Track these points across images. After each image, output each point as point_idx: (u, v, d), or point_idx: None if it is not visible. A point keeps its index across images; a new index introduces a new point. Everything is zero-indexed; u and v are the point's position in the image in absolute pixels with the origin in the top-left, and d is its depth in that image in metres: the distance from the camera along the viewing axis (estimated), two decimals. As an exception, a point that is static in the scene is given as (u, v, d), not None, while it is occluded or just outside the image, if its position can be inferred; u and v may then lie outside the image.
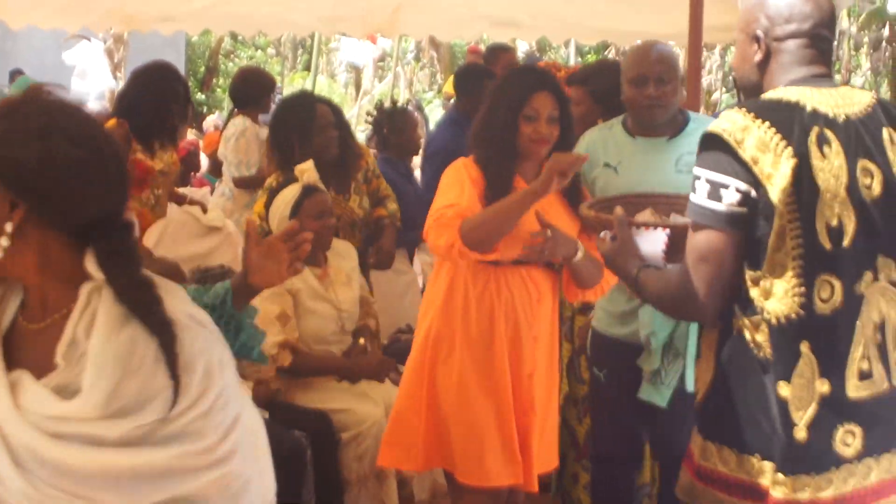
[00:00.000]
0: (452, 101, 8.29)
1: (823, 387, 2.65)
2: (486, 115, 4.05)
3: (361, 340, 5.11)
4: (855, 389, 2.68)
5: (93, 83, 14.42)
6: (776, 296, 2.64)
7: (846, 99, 2.74)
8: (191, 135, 12.52)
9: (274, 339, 4.72)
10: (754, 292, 2.67)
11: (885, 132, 2.74)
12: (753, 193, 2.60)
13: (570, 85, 5.26)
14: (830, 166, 2.61)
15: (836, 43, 5.58)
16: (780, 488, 2.68)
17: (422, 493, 5.09)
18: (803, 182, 2.58)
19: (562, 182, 3.67)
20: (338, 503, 4.73)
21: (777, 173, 2.58)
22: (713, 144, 2.67)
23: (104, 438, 1.85)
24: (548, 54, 27.30)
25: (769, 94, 2.78)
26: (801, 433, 2.66)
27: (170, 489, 1.89)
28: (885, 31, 23.16)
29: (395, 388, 4.54)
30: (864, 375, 2.69)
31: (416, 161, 8.03)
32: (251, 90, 7.60)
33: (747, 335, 2.71)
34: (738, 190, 2.60)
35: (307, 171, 5.03)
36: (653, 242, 3.05)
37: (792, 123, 2.63)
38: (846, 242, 2.63)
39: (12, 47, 19.02)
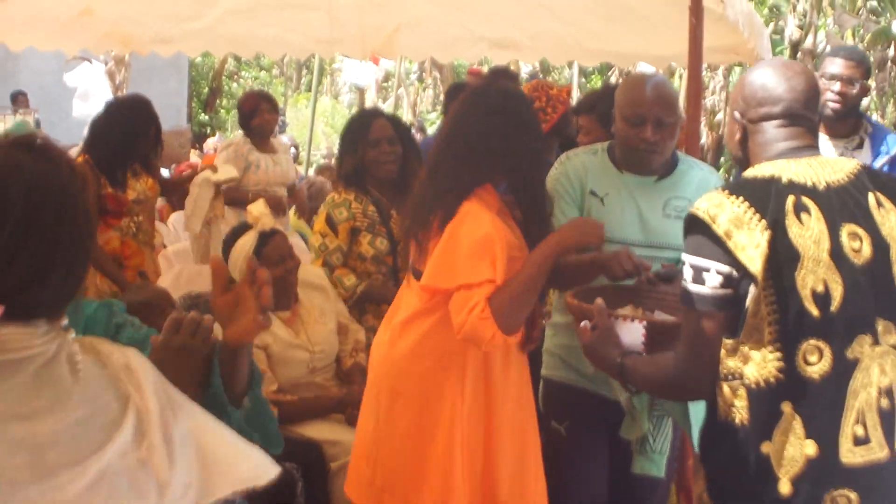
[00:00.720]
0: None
1: (810, 449, 2.63)
2: (531, 138, 3.79)
3: (356, 388, 5.02)
4: (849, 455, 2.65)
5: (95, 105, 14.40)
6: (754, 361, 2.65)
7: (827, 167, 2.77)
8: (193, 156, 12.51)
9: None
10: (731, 361, 2.69)
11: (871, 196, 2.74)
12: (735, 273, 2.63)
13: (577, 114, 5.18)
14: (810, 232, 2.62)
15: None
16: None
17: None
18: (779, 250, 2.60)
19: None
20: (329, 535, 4.66)
21: (751, 245, 2.60)
22: (693, 227, 2.72)
23: None
24: (551, 75, 27.33)
25: (747, 173, 2.82)
26: (784, 487, 2.65)
27: None
28: (891, 51, 23.12)
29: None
30: (860, 441, 2.65)
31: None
32: (238, 112, 7.68)
33: (722, 402, 2.73)
34: (718, 272, 2.65)
35: (261, 215, 4.92)
36: (632, 334, 3.12)
37: (767, 196, 2.66)
38: (834, 307, 2.62)
39: (14, 69, 19.05)
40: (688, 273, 2.70)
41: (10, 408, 1.73)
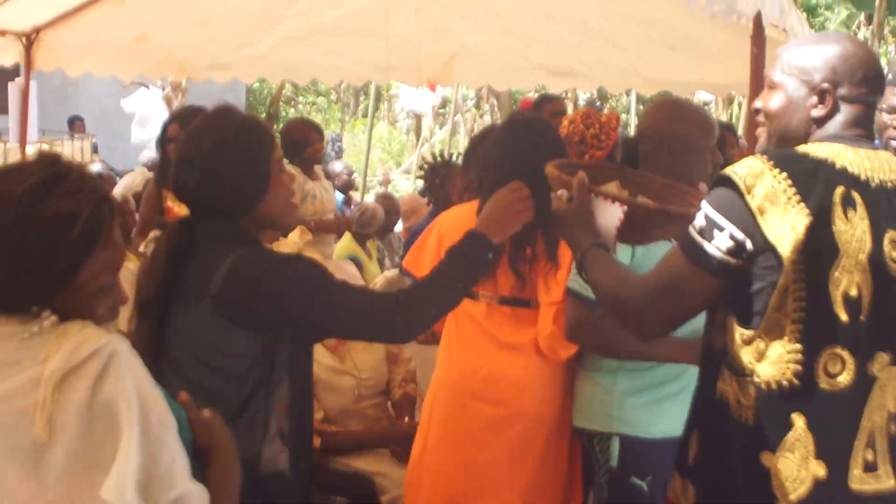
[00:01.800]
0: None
1: (819, 470, 2.42)
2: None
3: (407, 419, 4.96)
4: (859, 481, 2.44)
5: (152, 131, 14.50)
6: (769, 359, 2.44)
7: (884, 163, 2.52)
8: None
9: None
10: (745, 352, 2.47)
11: None
12: (749, 245, 2.41)
13: None
14: (853, 231, 2.40)
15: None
16: None
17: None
18: (819, 243, 2.38)
19: None
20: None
21: (784, 227, 2.37)
22: (724, 184, 2.49)
23: None
24: (609, 102, 27.23)
25: (799, 148, 2.55)
26: None
27: None
28: (953, 80, 22.79)
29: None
30: (869, 467, 2.45)
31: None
32: (285, 144, 7.64)
33: (731, 398, 2.52)
34: (732, 237, 2.42)
35: (290, 244, 4.87)
36: (609, 215, 2.84)
37: (814, 179, 2.42)
38: (863, 316, 2.41)
39: (73, 94, 19.26)
40: (699, 221, 2.48)
41: None
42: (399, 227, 9.26)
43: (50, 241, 1.92)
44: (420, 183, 8.20)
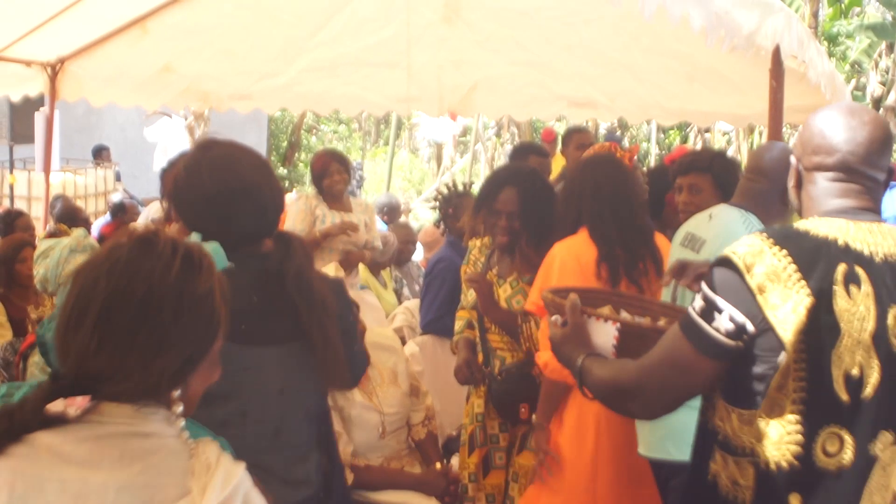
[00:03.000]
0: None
1: None
2: None
3: (438, 465, 4.96)
4: None
5: (175, 160, 14.57)
6: (771, 439, 2.37)
7: (889, 238, 2.46)
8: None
9: None
10: (745, 433, 2.41)
11: None
12: (750, 327, 2.34)
13: (690, 171, 5.00)
14: (856, 309, 2.33)
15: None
16: None
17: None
18: (820, 323, 2.31)
19: None
20: None
21: (785, 307, 2.31)
22: (723, 264, 2.42)
23: None
24: (629, 131, 27.23)
25: (800, 224, 2.51)
26: None
27: None
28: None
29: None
30: None
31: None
32: (311, 171, 7.56)
33: (723, 480, 2.46)
34: (731, 319, 2.35)
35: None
36: (604, 334, 2.82)
37: (816, 258, 2.36)
38: (866, 394, 2.35)
39: (97, 122, 19.36)
40: (699, 302, 2.41)
41: (76, 452, 1.82)
42: (420, 256, 9.24)
43: (203, 319, 1.92)
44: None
